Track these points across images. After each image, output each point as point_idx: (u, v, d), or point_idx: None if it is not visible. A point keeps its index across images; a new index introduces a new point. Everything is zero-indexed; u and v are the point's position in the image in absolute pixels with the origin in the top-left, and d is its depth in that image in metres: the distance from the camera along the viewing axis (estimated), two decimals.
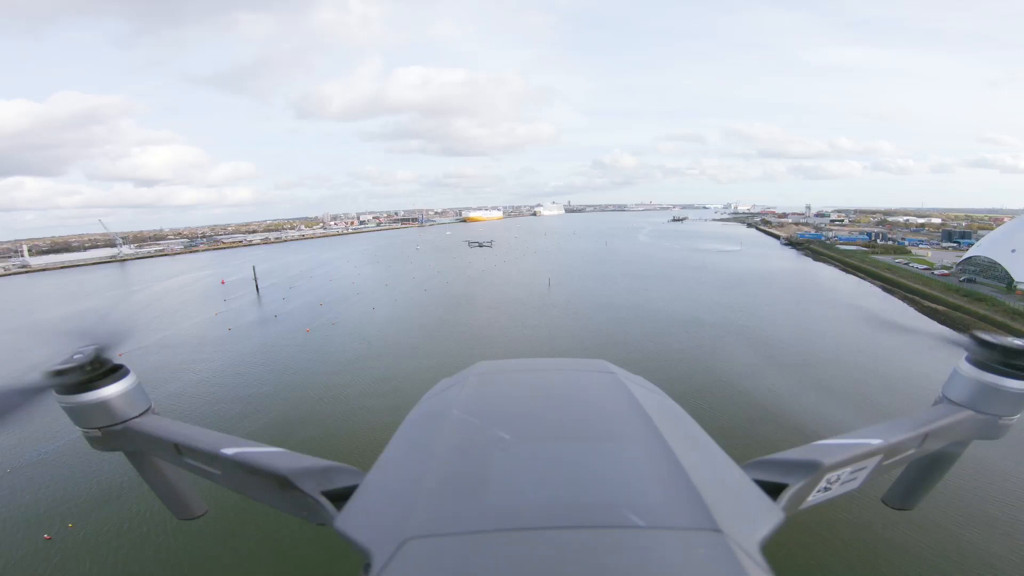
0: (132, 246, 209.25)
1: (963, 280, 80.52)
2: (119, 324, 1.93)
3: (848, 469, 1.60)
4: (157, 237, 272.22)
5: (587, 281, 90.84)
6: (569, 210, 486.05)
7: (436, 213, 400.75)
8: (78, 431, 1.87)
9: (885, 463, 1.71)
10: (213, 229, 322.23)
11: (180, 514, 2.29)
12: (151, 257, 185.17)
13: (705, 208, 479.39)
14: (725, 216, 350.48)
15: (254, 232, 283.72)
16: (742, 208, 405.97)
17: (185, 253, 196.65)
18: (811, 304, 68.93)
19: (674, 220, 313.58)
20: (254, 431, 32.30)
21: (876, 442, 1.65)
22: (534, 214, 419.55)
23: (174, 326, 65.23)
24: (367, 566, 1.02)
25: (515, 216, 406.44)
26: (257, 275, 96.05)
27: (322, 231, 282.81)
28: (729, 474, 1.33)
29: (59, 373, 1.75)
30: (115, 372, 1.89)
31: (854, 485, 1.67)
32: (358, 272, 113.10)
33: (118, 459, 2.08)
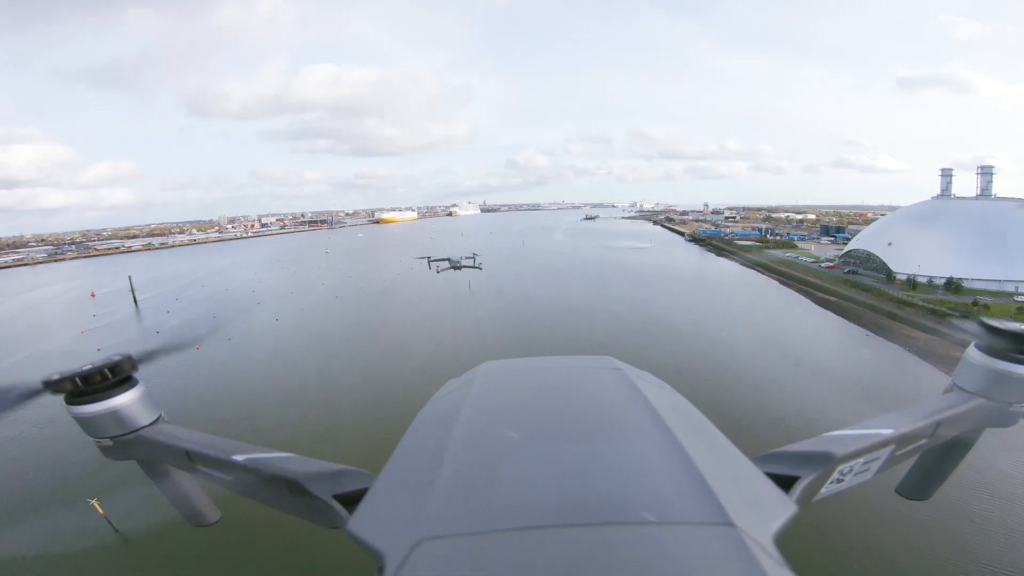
0: None
1: (847, 272, 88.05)
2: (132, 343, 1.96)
3: (861, 460, 1.58)
4: (16, 244, 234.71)
5: (508, 282, 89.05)
6: (485, 210, 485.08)
7: (347, 214, 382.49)
8: None
9: (898, 453, 1.69)
10: (85, 235, 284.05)
11: (194, 521, 2.24)
12: (7, 268, 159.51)
13: (614, 207, 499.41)
14: (632, 214, 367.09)
15: (135, 237, 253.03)
16: (647, 206, 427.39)
17: (49, 262, 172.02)
18: (732, 303, 72.57)
19: (586, 219, 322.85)
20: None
21: (888, 432, 1.64)
22: (449, 214, 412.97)
23: (29, 348, 54.74)
24: (380, 568, 1.01)
25: (430, 216, 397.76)
26: (135, 285, 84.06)
27: (217, 235, 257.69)
28: (740, 468, 1.32)
29: (68, 382, 1.76)
30: (124, 382, 1.91)
31: (867, 476, 1.65)
32: (259, 279, 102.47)
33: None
